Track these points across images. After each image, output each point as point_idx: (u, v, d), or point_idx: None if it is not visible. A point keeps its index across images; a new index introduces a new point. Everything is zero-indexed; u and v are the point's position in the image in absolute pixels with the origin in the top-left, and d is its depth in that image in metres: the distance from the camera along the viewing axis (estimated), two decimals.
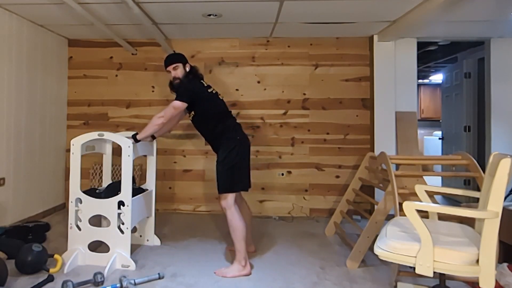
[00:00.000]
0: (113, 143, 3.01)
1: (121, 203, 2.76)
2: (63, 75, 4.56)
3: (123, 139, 2.81)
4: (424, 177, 2.98)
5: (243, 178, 2.81)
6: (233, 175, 2.73)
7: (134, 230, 3.24)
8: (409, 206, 1.74)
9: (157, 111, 2.87)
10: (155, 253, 3.08)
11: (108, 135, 2.86)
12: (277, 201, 4.47)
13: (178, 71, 2.93)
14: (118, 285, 2.37)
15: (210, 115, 2.85)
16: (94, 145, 3.12)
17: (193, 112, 2.90)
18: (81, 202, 2.80)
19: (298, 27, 4.04)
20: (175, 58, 3.00)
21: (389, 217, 2.44)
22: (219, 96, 2.95)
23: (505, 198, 2.30)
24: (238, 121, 2.99)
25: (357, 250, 2.78)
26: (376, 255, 1.84)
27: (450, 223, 2.15)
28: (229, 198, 2.70)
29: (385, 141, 4.28)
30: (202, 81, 2.97)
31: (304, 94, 4.48)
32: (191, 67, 3.01)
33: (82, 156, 2.84)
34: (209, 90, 2.91)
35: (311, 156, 4.47)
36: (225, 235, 3.56)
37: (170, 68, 2.95)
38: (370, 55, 4.40)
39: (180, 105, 2.75)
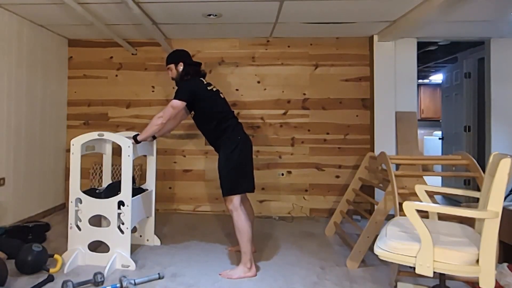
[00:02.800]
0: (113, 143, 3.01)
1: (121, 203, 2.76)
2: (63, 75, 4.56)
3: (123, 139, 2.81)
4: (424, 177, 2.98)
5: (247, 178, 2.79)
6: (237, 176, 2.71)
7: (134, 230, 3.24)
8: (409, 206, 1.74)
9: (157, 111, 2.86)
10: (155, 253, 3.08)
11: (108, 135, 2.85)
12: (277, 201, 4.47)
13: (172, 72, 2.97)
14: (118, 285, 2.37)
15: (209, 114, 2.83)
16: (94, 145, 3.12)
17: (193, 112, 2.89)
18: (81, 202, 2.80)
19: (298, 27, 4.04)
20: (168, 59, 3.01)
21: (389, 217, 2.44)
22: (221, 95, 2.92)
23: (505, 198, 2.30)
24: (238, 121, 2.98)
25: (357, 250, 2.78)
26: (376, 255, 1.84)
27: (450, 223, 2.15)
28: (235, 200, 2.69)
29: (385, 141, 4.28)
30: (202, 78, 2.95)
31: (304, 94, 4.48)
32: (189, 65, 2.96)
33: (82, 156, 2.84)
34: (209, 88, 2.88)
35: (311, 156, 4.47)
36: (225, 235, 3.57)
37: (167, 69, 3.01)
38: (370, 55, 4.40)
39: (178, 104, 2.72)
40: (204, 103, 2.82)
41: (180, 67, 2.94)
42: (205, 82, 2.92)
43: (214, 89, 2.92)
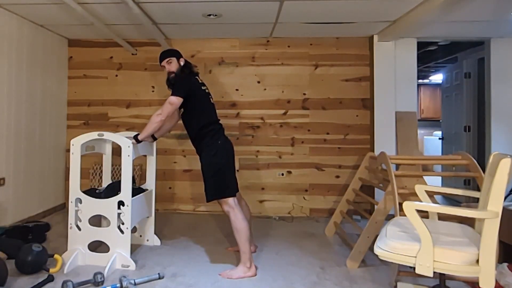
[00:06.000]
0: (113, 143, 3.01)
1: (121, 203, 2.76)
2: (63, 75, 4.56)
3: (123, 139, 2.81)
4: (424, 177, 2.98)
5: (230, 182, 2.78)
6: (220, 181, 2.72)
7: (134, 230, 3.24)
8: (409, 206, 1.74)
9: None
10: (155, 253, 3.08)
11: (108, 135, 2.85)
12: (277, 201, 4.47)
13: (172, 65, 2.93)
14: (118, 285, 2.37)
15: (197, 114, 2.83)
16: (94, 145, 3.12)
17: (182, 109, 2.89)
18: (81, 202, 2.80)
19: (298, 27, 4.04)
20: (168, 52, 3.00)
21: (389, 217, 2.44)
22: (211, 99, 2.93)
23: (505, 198, 2.30)
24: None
25: (357, 250, 2.78)
26: (376, 255, 1.84)
27: (450, 223, 2.15)
28: (230, 200, 2.69)
29: (385, 141, 4.28)
30: (197, 77, 2.96)
31: (304, 94, 4.48)
32: (186, 61, 3.00)
33: (82, 156, 2.84)
34: (203, 88, 2.90)
35: (311, 156, 4.47)
36: (225, 235, 3.57)
37: (164, 63, 2.96)
38: (370, 55, 4.40)
39: (176, 100, 2.72)
40: (196, 102, 2.82)
41: (182, 62, 2.97)
42: (199, 81, 2.93)
43: (207, 91, 2.93)
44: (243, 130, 4.47)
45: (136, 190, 3.04)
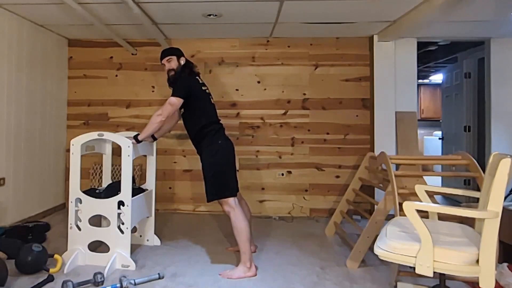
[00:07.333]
0: (113, 143, 3.01)
1: (121, 203, 2.76)
2: (63, 75, 4.56)
3: (123, 139, 2.81)
4: (424, 177, 2.98)
5: (231, 182, 2.78)
6: (221, 181, 2.72)
7: (134, 230, 3.24)
8: (409, 206, 1.74)
9: None
10: (155, 253, 3.08)
11: (108, 135, 2.85)
12: (277, 201, 4.47)
13: (172, 64, 2.94)
14: (118, 285, 2.37)
15: (197, 115, 2.83)
16: (94, 145, 3.12)
17: (182, 110, 2.89)
18: (81, 202, 2.80)
19: (298, 27, 4.04)
20: (169, 51, 3.01)
21: (389, 217, 2.44)
22: (211, 99, 2.93)
23: (505, 198, 2.30)
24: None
25: (357, 250, 2.78)
26: (376, 255, 1.84)
27: (450, 223, 2.15)
28: (230, 201, 2.69)
29: (385, 141, 4.28)
30: (197, 77, 2.96)
31: (304, 94, 4.48)
32: (187, 61, 2.99)
33: (82, 156, 2.84)
34: (203, 88, 2.90)
35: (311, 156, 4.47)
36: (225, 235, 3.57)
37: (164, 61, 2.96)
38: (370, 55, 4.40)
39: (176, 101, 2.72)
40: (196, 103, 2.82)
41: (182, 61, 2.97)
42: (200, 82, 2.93)
43: (207, 91, 2.93)
44: (243, 130, 4.48)
45: (136, 190, 3.04)
